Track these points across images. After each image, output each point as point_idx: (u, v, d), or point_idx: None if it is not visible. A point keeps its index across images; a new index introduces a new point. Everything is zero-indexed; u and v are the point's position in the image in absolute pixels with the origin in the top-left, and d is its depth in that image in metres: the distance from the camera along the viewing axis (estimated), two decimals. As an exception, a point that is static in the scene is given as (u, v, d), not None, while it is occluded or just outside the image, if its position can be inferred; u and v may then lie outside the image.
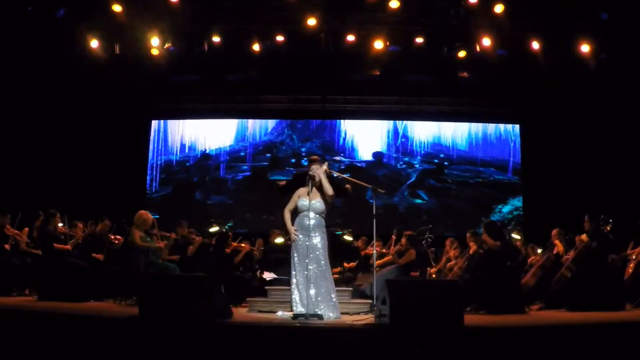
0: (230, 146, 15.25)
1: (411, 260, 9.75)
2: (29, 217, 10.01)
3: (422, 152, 14.81)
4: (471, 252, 9.50)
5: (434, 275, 10.18)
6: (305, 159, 14.17)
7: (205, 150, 15.26)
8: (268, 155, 15.25)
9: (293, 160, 15.24)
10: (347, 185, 8.28)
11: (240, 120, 15.27)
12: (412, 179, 14.81)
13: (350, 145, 15.02)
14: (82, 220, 10.29)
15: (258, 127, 15.43)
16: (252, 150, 15.31)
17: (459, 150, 14.70)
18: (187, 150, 15.24)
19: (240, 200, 14.77)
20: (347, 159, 14.93)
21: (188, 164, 15.20)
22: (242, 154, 15.31)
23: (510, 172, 14.57)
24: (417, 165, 14.82)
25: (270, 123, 15.38)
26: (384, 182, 14.45)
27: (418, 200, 14.69)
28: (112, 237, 9.85)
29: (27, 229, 9.91)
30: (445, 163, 14.71)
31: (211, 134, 15.35)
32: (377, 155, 14.93)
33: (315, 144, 15.18)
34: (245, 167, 15.26)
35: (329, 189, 7.02)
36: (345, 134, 15.13)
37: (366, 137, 15.01)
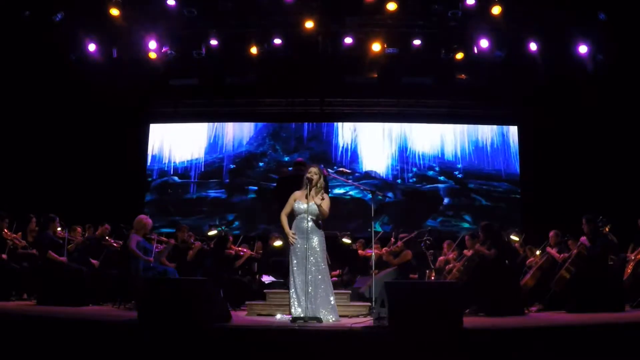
0: (204, 159, 14.44)
1: (407, 260, 9.74)
2: (25, 221, 10.02)
3: (435, 165, 14.39)
4: (469, 254, 9.49)
5: (432, 278, 10.17)
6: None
7: (173, 162, 14.46)
8: (248, 168, 14.37)
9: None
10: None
11: (214, 127, 14.66)
12: (447, 201, 14.15)
13: (349, 157, 14.49)
14: (80, 224, 10.31)
15: (232, 137, 14.59)
16: (228, 163, 14.54)
17: (471, 162, 14.41)
18: (149, 162, 14.56)
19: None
20: (357, 174, 14.24)
21: (150, 179, 14.51)
22: (220, 167, 14.34)
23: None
24: (441, 179, 14.26)
25: (247, 132, 14.72)
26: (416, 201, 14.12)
27: (465, 225, 13.93)
28: (111, 240, 9.87)
29: (20, 233, 9.91)
30: (460, 175, 14.33)
31: (179, 144, 14.50)
32: (388, 169, 14.43)
33: (304, 156, 14.31)
34: (220, 183, 14.44)
35: (325, 212, 7.00)
36: (341, 142, 14.57)
37: (367, 146, 14.53)
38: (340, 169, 13.73)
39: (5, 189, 11.57)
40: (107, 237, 10.03)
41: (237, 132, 14.77)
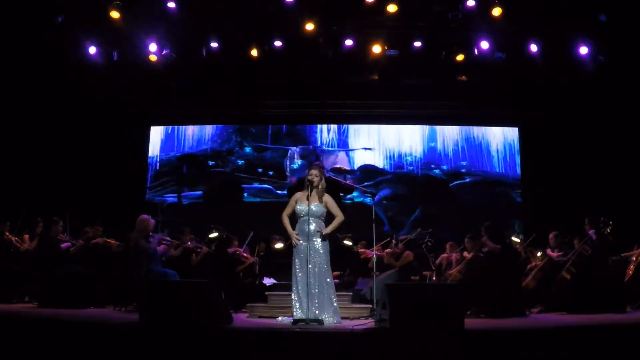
0: (160, 157, 13.82)
1: (409, 262, 9.74)
2: (30, 223, 10.02)
3: (435, 166, 14.13)
4: (469, 256, 9.50)
5: (434, 279, 10.18)
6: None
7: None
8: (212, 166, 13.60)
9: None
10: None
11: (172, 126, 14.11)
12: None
13: (331, 155, 14.14)
14: (82, 226, 10.30)
15: (192, 133, 13.92)
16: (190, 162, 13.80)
17: (472, 163, 14.25)
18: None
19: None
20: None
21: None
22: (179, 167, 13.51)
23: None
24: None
25: (209, 127, 14.15)
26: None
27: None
28: (106, 240, 9.86)
29: (27, 235, 9.92)
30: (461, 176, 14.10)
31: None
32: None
33: (278, 154, 14.04)
34: (179, 184, 13.67)
35: (338, 214, 7.05)
36: (323, 140, 14.17)
37: (352, 144, 14.24)
38: (337, 166, 13.68)
39: (7, 190, 11.57)
40: (105, 239, 10.01)
41: (197, 128, 14.15)
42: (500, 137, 14.43)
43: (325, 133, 14.40)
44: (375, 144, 14.38)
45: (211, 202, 13.70)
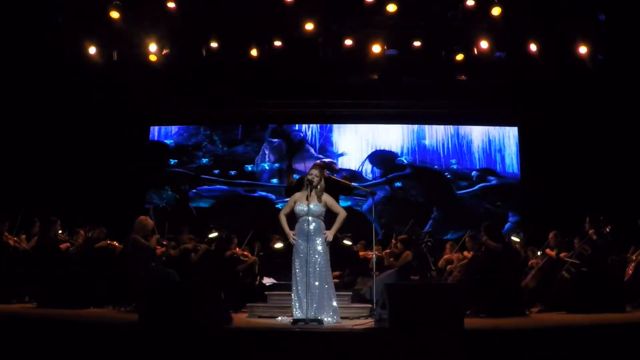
0: None
1: (408, 261, 9.74)
2: (28, 224, 10.02)
3: (435, 166, 14.12)
4: (469, 255, 9.49)
5: (434, 273, 10.19)
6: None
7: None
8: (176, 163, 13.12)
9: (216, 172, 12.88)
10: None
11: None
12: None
13: (317, 152, 14.03)
14: (81, 227, 10.31)
15: (158, 127, 13.49)
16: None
17: (471, 163, 14.24)
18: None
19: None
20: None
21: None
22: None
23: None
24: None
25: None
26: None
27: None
28: (109, 242, 9.87)
29: (24, 236, 9.92)
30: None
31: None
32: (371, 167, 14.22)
33: (251, 148, 13.78)
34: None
35: (340, 211, 7.07)
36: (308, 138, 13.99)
37: (340, 144, 14.21)
38: (326, 160, 13.63)
39: (6, 190, 11.58)
40: (108, 240, 10.02)
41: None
42: (499, 137, 14.41)
43: (305, 127, 14.20)
44: (362, 141, 14.34)
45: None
